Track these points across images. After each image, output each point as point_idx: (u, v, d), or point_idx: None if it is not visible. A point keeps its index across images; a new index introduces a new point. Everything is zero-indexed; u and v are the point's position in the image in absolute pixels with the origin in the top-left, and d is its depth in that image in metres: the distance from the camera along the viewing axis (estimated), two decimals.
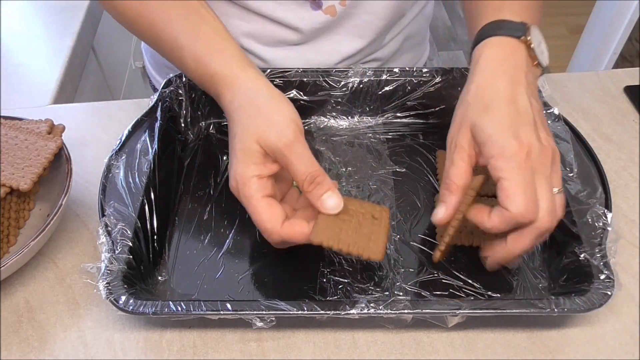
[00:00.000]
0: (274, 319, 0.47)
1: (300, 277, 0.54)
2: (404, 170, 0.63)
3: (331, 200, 0.48)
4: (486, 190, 0.57)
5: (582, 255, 0.50)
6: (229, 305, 0.47)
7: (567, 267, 0.51)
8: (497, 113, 0.47)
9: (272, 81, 0.65)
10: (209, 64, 0.53)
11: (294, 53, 0.70)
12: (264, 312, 0.46)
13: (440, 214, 0.48)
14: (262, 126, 0.48)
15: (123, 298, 0.47)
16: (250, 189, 0.47)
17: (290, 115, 0.49)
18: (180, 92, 0.64)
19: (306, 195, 0.48)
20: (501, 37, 0.52)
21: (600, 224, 0.51)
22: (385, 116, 0.68)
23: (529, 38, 0.51)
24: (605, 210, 0.52)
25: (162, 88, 0.64)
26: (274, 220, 0.48)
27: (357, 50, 0.70)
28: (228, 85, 0.52)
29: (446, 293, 0.52)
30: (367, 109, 0.68)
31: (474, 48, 0.54)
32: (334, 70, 0.66)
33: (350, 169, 0.63)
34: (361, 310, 0.46)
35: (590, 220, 0.52)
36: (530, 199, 0.44)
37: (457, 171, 0.48)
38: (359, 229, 0.48)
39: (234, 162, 0.49)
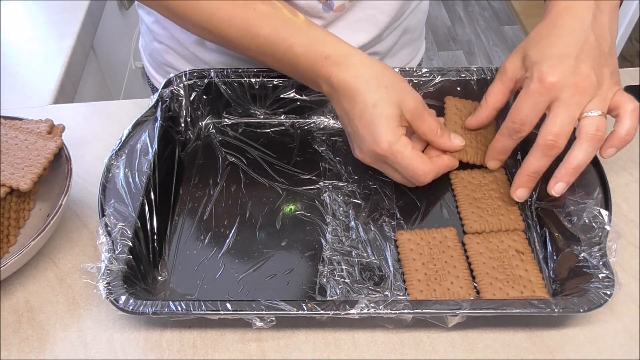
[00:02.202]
0: (274, 319, 0.47)
1: (300, 277, 0.54)
2: None
3: (457, 139, 0.59)
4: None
5: (581, 255, 0.50)
6: (229, 305, 0.47)
7: (566, 266, 0.51)
8: (544, 45, 0.54)
9: (271, 81, 0.65)
10: (321, 48, 0.57)
11: None
12: (264, 312, 0.47)
13: (470, 121, 0.61)
14: (401, 93, 0.56)
15: (123, 298, 0.47)
16: (402, 145, 0.55)
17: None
18: (180, 92, 0.64)
19: (437, 142, 0.58)
20: None
21: (599, 224, 0.51)
22: None
23: None
24: (603, 210, 0.52)
25: (162, 88, 0.64)
26: (427, 161, 0.56)
27: (360, 46, 0.70)
28: (349, 64, 0.56)
29: None
30: None
31: None
32: None
33: (350, 168, 0.63)
34: (361, 310, 0.46)
35: (589, 220, 0.52)
36: (525, 114, 0.53)
37: (492, 89, 0.58)
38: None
39: (379, 129, 0.54)
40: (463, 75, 0.65)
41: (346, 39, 0.69)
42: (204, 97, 0.66)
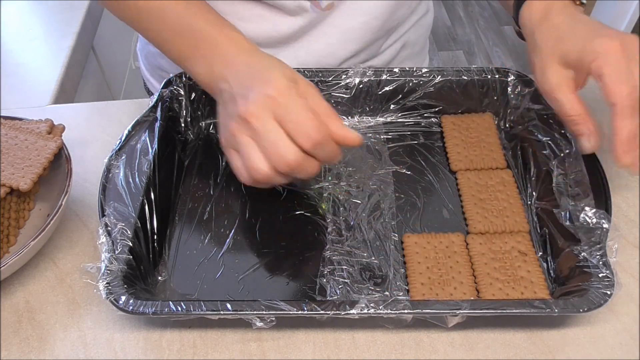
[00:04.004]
0: (274, 319, 0.47)
1: (300, 277, 0.54)
2: (404, 170, 0.63)
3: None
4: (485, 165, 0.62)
5: (581, 255, 0.50)
6: (229, 305, 0.47)
7: (566, 266, 0.51)
8: (575, 34, 0.52)
9: None
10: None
11: (286, 52, 0.69)
12: (264, 312, 0.47)
13: (588, 145, 0.53)
14: None
15: (123, 298, 0.47)
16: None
17: None
18: (180, 92, 0.64)
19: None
20: None
21: (599, 224, 0.51)
22: (386, 116, 0.68)
23: None
24: (602, 210, 0.52)
25: (162, 88, 0.64)
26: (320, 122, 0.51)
27: (351, 54, 0.70)
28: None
29: None
30: (367, 109, 0.68)
31: (518, 14, 0.58)
32: (334, 70, 0.66)
33: (350, 169, 0.63)
34: (361, 310, 0.46)
35: (589, 219, 0.52)
36: (629, 85, 0.48)
37: (570, 104, 0.53)
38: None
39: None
40: (463, 75, 0.65)
41: (337, 47, 0.69)
42: (204, 97, 0.66)
